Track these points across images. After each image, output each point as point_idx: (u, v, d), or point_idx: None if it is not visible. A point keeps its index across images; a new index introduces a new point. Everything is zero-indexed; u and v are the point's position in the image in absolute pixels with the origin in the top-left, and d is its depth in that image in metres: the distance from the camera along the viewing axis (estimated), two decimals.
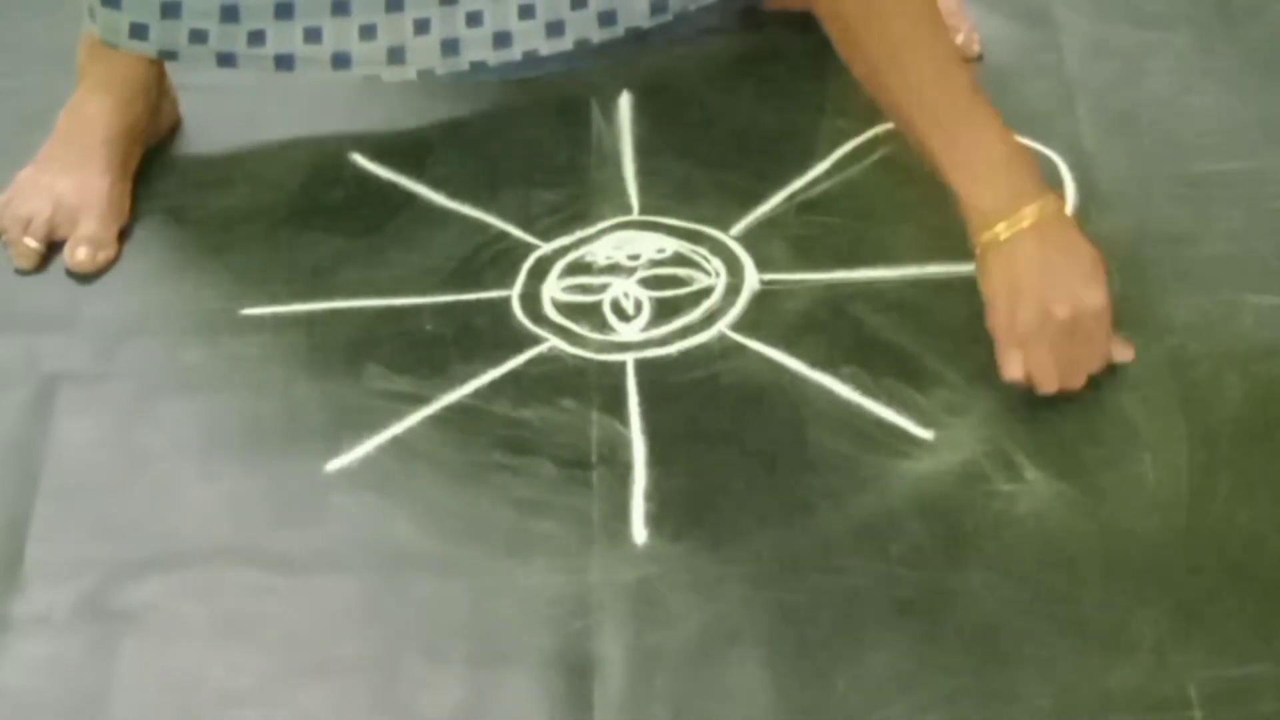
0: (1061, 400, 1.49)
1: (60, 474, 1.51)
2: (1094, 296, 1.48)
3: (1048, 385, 1.47)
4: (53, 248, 1.68)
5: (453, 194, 1.72)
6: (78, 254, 1.66)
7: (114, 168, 1.70)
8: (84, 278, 1.67)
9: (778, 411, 1.52)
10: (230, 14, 1.67)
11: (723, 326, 1.59)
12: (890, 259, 1.63)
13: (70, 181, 1.68)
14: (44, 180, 1.69)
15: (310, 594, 1.42)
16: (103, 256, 1.67)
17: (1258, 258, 1.61)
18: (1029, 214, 1.48)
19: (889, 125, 1.75)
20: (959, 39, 1.80)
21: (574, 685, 1.34)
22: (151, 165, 1.77)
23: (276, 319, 1.63)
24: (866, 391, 1.52)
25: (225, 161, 1.77)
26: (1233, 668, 1.32)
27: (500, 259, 1.66)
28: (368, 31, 1.70)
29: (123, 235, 1.69)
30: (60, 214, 1.67)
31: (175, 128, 1.80)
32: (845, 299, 1.60)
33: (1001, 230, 1.48)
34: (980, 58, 1.81)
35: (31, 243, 1.66)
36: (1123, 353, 1.51)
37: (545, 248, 1.67)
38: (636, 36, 1.78)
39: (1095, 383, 1.50)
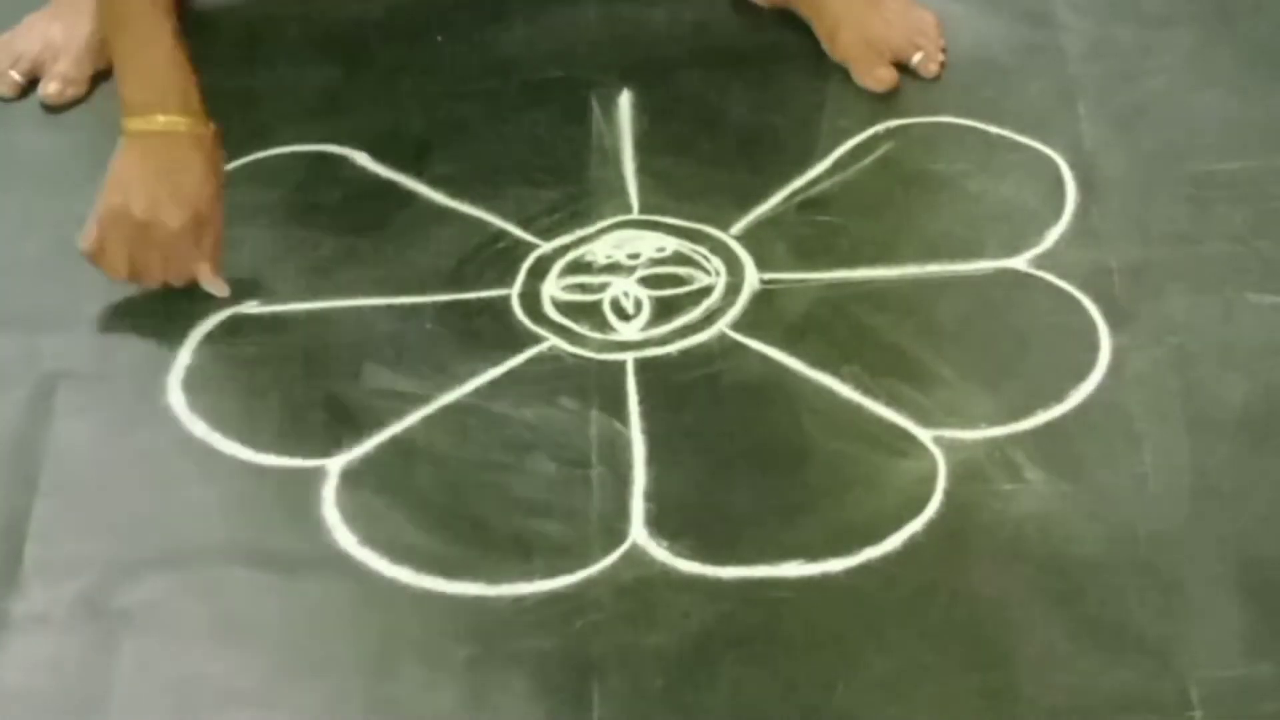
0: (1062, 401, 1.50)
1: (60, 473, 1.51)
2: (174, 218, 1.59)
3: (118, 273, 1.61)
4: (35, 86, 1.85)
5: (453, 193, 1.72)
6: (49, 88, 1.84)
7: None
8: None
9: (778, 411, 1.52)
10: None
11: (723, 326, 1.59)
12: (890, 259, 1.63)
13: (60, 26, 1.86)
14: (41, 24, 1.87)
15: (310, 594, 1.42)
16: (71, 93, 1.84)
17: (1258, 258, 1.61)
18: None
19: (889, 124, 1.75)
20: (915, 59, 1.79)
21: (574, 685, 1.34)
22: None
23: (276, 319, 1.63)
24: (866, 391, 1.52)
25: (226, 161, 1.77)
26: (1233, 668, 1.32)
27: (500, 258, 1.66)
28: None
29: (97, 79, 1.83)
30: (46, 53, 1.85)
31: None
32: (845, 299, 1.60)
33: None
34: (937, 78, 1.80)
35: (15, 75, 1.85)
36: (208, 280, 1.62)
37: (545, 247, 1.67)
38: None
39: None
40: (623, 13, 1.87)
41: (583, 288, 1.63)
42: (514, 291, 1.63)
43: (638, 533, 1.44)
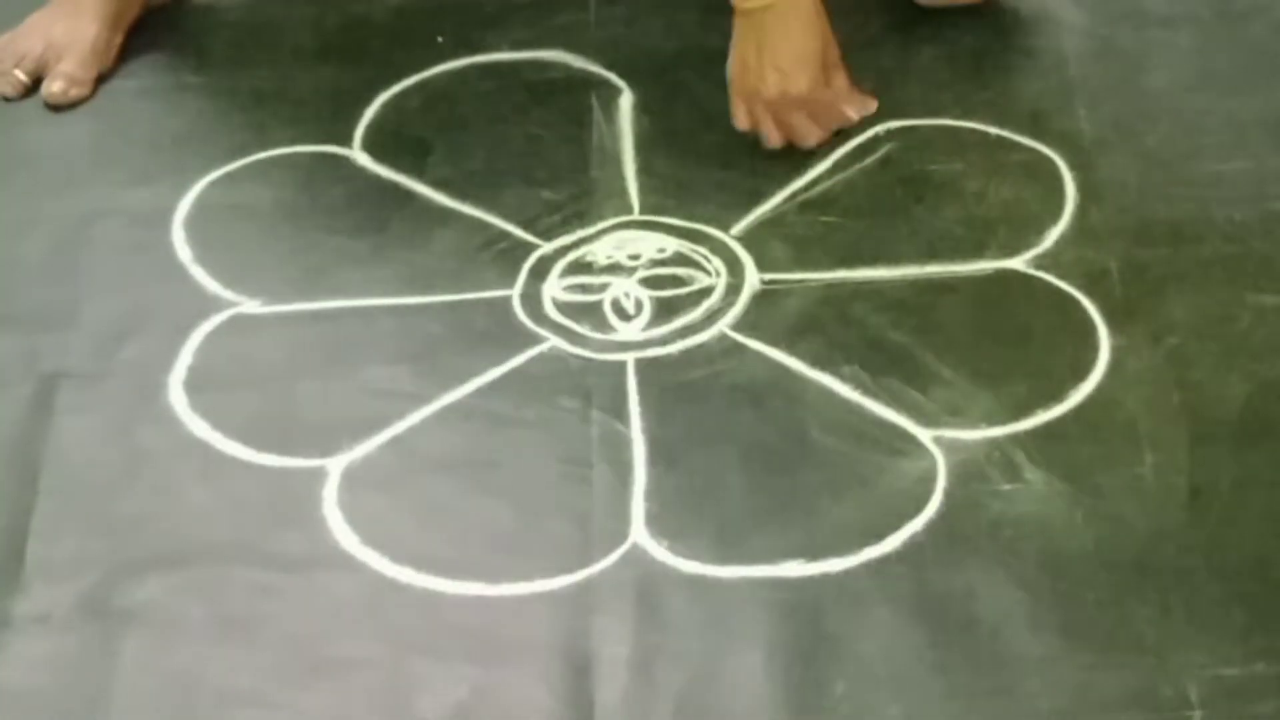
0: (1062, 401, 1.50)
1: (60, 473, 1.51)
2: (799, 82, 1.72)
3: (772, 140, 1.73)
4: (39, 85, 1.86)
5: (453, 193, 1.72)
6: (53, 87, 1.84)
7: (105, 18, 1.87)
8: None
9: (778, 411, 1.52)
10: None
11: (723, 326, 1.59)
12: (890, 259, 1.63)
13: (64, 26, 1.87)
14: (44, 23, 1.88)
15: (310, 594, 1.42)
16: (75, 93, 1.85)
17: (1258, 258, 1.61)
18: None
19: (889, 125, 1.75)
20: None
21: (574, 685, 1.34)
22: (154, 161, 1.77)
23: (276, 318, 1.63)
24: (866, 391, 1.52)
25: (228, 160, 1.77)
26: (1233, 668, 1.32)
27: (501, 258, 1.66)
28: None
29: (101, 79, 1.86)
30: (49, 53, 1.86)
31: None
32: (845, 299, 1.60)
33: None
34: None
35: (19, 75, 1.86)
36: (856, 108, 1.75)
37: (546, 247, 1.67)
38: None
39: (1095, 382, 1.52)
40: (622, 13, 1.87)
41: (583, 288, 1.63)
42: (515, 292, 1.63)
43: (638, 533, 1.44)
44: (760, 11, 1.70)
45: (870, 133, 1.75)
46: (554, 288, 1.63)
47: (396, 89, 1.82)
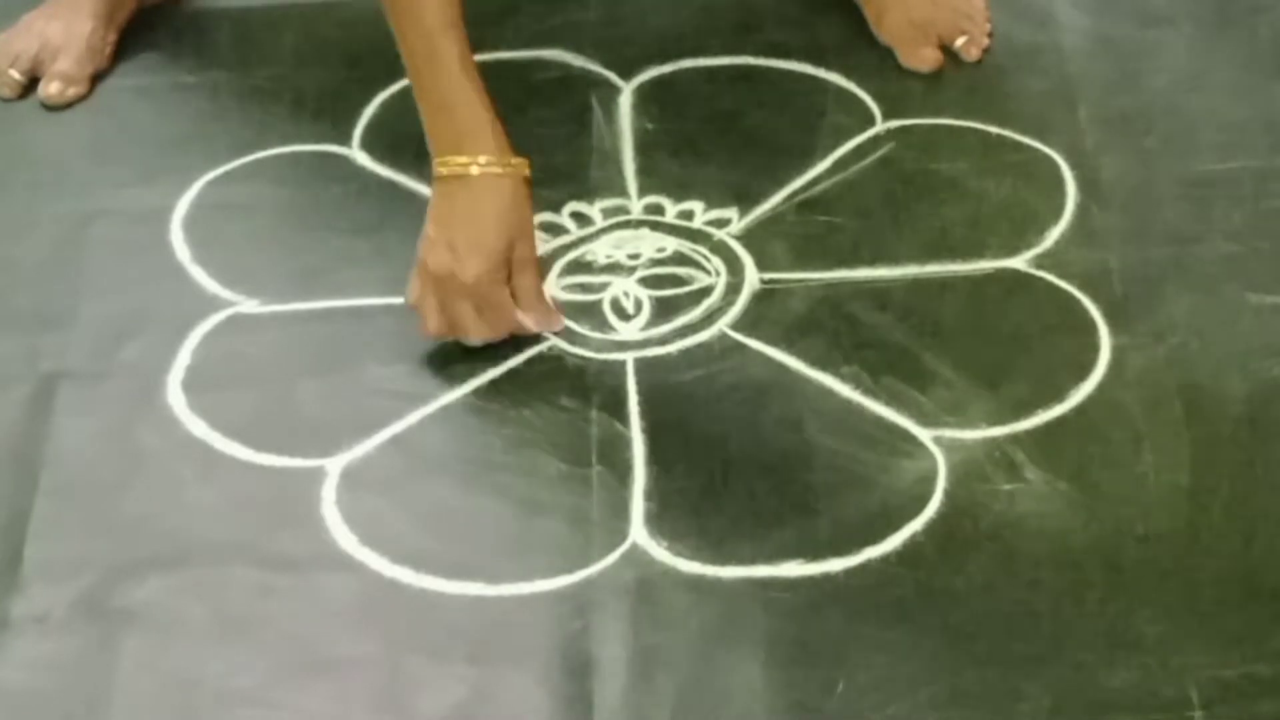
0: (1062, 401, 1.50)
1: (60, 473, 1.51)
2: (466, 269, 1.52)
3: (425, 326, 1.54)
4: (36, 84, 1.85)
5: None
6: (50, 88, 1.84)
7: (99, 16, 1.87)
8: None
9: (778, 411, 1.52)
10: None
11: (723, 326, 1.59)
12: (890, 259, 1.63)
13: (58, 25, 1.87)
14: (39, 23, 1.88)
15: (310, 594, 1.42)
16: (72, 92, 1.84)
17: (1258, 257, 1.61)
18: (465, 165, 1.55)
19: (889, 124, 1.75)
20: (959, 42, 1.80)
21: (574, 685, 1.34)
22: (153, 161, 1.77)
23: (275, 318, 1.63)
24: (866, 391, 1.52)
25: (227, 160, 1.77)
26: (1233, 668, 1.32)
27: None
28: None
29: (97, 78, 1.85)
30: (44, 52, 1.85)
31: None
32: (845, 299, 1.60)
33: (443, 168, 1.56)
34: (979, 62, 1.81)
35: (15, 74, 1.85)
36: (535, 319, 1.56)
37: (545, 247, 1.67)
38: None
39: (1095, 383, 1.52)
40: (623, 12, 1.87)
41: (583, 288, 1.63)
42: None
43: (638, 533, 1.44)
44: (453, 180, 1.55)
45: (870, 132, 1.75)
46: (553, 287, 1.63)
47: (396, 88, 1.82)
